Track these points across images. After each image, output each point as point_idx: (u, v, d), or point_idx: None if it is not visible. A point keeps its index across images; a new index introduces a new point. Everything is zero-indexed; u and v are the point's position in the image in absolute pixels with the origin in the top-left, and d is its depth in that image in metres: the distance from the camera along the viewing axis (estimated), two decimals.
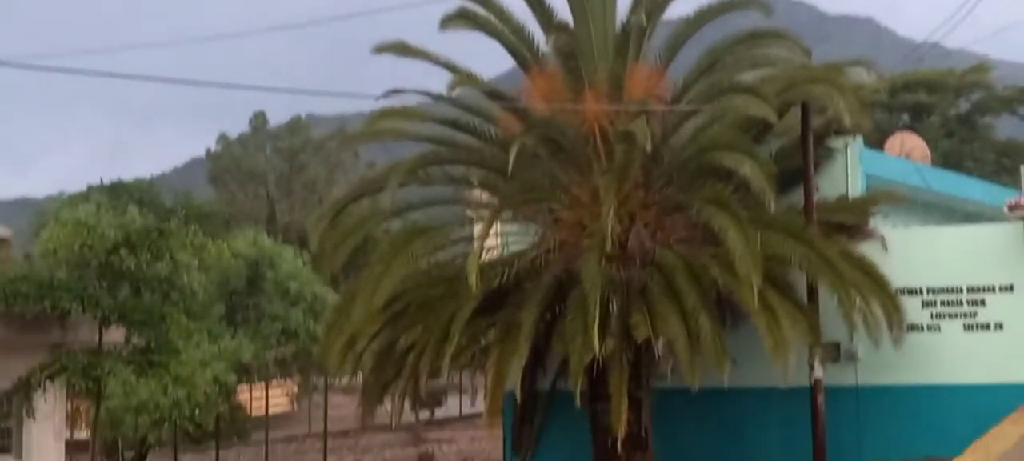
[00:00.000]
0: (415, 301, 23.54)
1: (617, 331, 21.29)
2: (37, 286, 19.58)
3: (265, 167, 71.59)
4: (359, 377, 26.13)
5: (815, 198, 22.92)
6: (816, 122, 23.21)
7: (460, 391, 40.46)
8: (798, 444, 23.01)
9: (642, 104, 22.39)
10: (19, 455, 20.97)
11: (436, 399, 40.35)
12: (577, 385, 20.90)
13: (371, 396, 25.31)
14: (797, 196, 22.95)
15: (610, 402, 21.48)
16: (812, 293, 22.38)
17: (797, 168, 23.04)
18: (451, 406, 41.44)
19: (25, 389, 19.45)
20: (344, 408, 34.06)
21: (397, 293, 23.05)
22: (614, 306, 21.47)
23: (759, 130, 23.12)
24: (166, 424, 33.54)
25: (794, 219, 22.38)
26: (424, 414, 39.94)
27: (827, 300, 22.13)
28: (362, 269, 24.04)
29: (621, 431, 21.43)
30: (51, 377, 19.63)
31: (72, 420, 26.50)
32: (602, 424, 22.26)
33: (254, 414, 41.06)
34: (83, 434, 30.93)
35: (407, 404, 28.38)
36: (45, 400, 20.13)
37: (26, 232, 36.88)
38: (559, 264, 22.57)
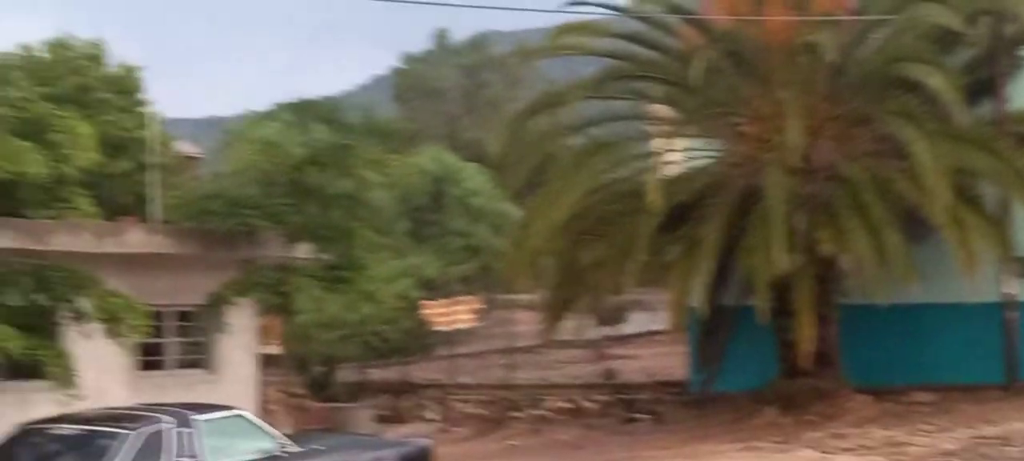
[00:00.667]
0: (597, 217, 23.54)
1: (802, 247, 21.07)
2: (227, 204, 20.01)
3: (447, 84, 72.07)
4: (541, 293, 26.27)
5: (1006, 109, 22.31)
6: (1007, 30, 22.53)
7: (642, 308, 40.43)
8: (986, 361, 22.58)
9: (827, 14, 21.97)
10: (212, 369, 21.56)
11: (618, 315, 40.33)
12: (762, 302, 20.75)
13: (553, 312, 25.46)
14: (987, 108, 22.37)
15: (795, 318, 21.30)
16: (1003, 206, 21.85)
17: (987, 78, 22.44)
18: (633, 322, 41.38)
19: (217, 305, 19.93)
20: (527, 324, 34.26)
21: (578, 209, 23.07)
22: (799, 221, 21.23)
23: (947, 40, 22.52)
24: (354, 339, 34.23)
25: (984, 131, 21.83)
26: (606, 330, 39.98)
27: (1018, 213, 21.58)
28: (544, 185, 24.12)
29: (807, 347, 21.26)
30: (242, 293, 20.08)
31: (262, 335, 27.15)
32: (788, 340, 22.09)
33: (439, 329, 41.56)
34: (273, 349, 31.68)
35: (589, 320, 28.54)
36: (237, 316, 20.63)
37: (215, 150, 37.74)
38: (742, 179, 22.37)
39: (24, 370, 17.84)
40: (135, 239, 19.76)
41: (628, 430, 26.50)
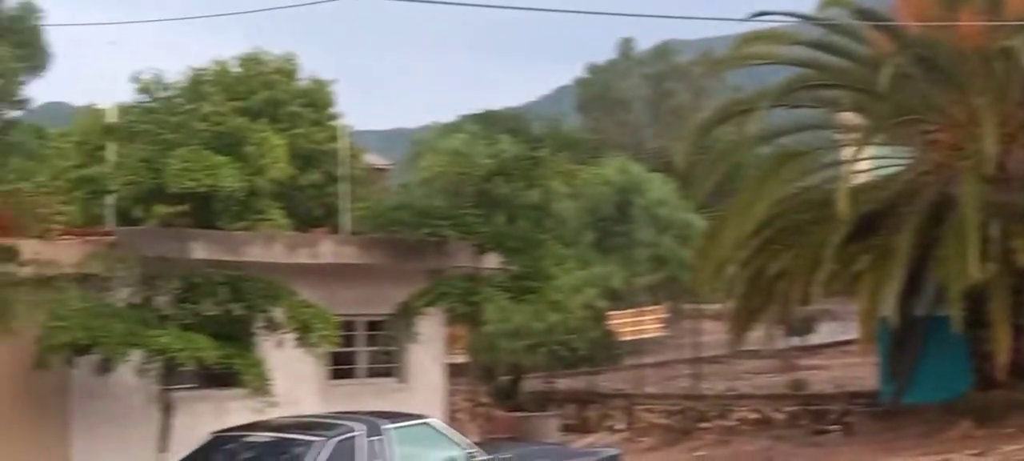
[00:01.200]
0: (785, 227, 23.29)
1: (997, 256, 20.55)
2: (416, 214, 20.26)
3: (631, 94, 71.95)
4: (728, 303, 26.07)
5: None
6: None
7: (831, 318, 39.84)
8: None
9: (1021, 18, 21.41)
10: (402, 378, 21.83)
11: (807, 325, 39.79)
12: (955, 312, 20.29)
13: (741, 322, 25.25)
14: None
15: (991, 329, 20.79)
16: None
17: None
18: (822, 332, 40.81)
19: (406, 314, 20.18)
20: (713, 334, 34.02)
21: (767, 219, 22.85)
22: (993, 230, 20.72)
23: None
24: (540, 349, 34.33)
25: None
26: (794, 340, 39.49)
27: None
28: (731, 195, 23.94)
29: (1003, 358, 20.73)
30: (431, 303, 20.30)
31: (450, 344, 27.42)
32: (982, 351, 21.57)
33: (625, 339, 41.51)
34: (460, 358, 31.95)
35: (777, 330, 28.23)
36: (426, 325, 20.86)
37: (402, 162, 38.24)
38: (934, 187, 21.92)
39: (219, 379, 18.29)
40: (326, 250, 20.12)
41: (817, 442, 26.13)
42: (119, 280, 16.92)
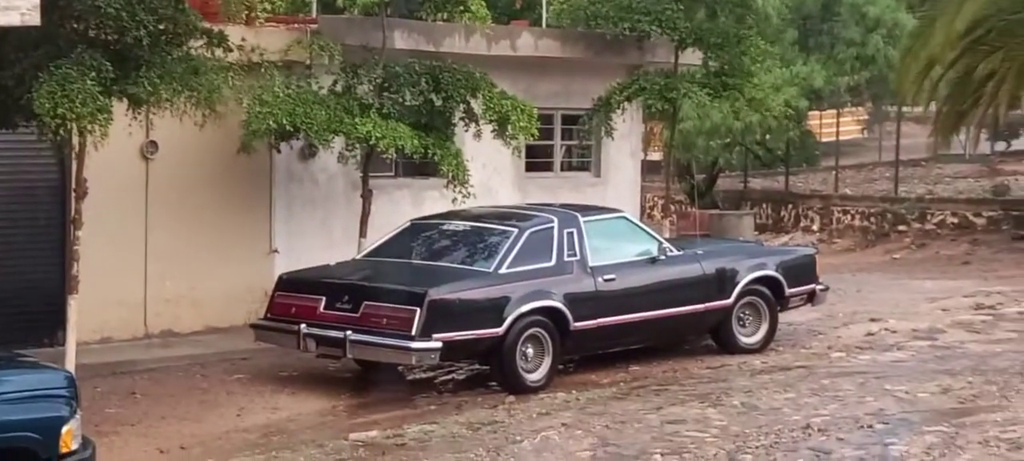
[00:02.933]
0: (997, 27, 22.51)
1: None
2: (616, 7, 20.04)
3: None
4: (933, 106, 25.47)
5: None
6: None
7: None
8: None
9: None
10: (597, 172, 21.87)
11: (1013, 131, 38.80)
12: None
13: (945, 125, 24.69)
14: None
15: None
16: None
17: None
18: None
19: (603, 109, 20.13)
20: (916, 137, 33.38)
21: (978, 18, 22.09)
22: None
23: None
24: (736, 147, 34.11)
25: None
26: (999, 146, 38.55)
27: None
28: None
29: None
30: (628, 98, 20.20)
31: (646, 141, 27.36)
32: None
33: (823, 140, 41.00)
34: (656, 155, 31.92)
35: (982, 135, 27.55)
36: (623, 120, 20.80)
37: None
38: None
39: (418, 168, 18.56)
40: (525, 42, 20.10)
41: (1017, 247, 25.70)
42: (322, 68, 17.17)
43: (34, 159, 15.87)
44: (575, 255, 15.23)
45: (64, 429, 8.28)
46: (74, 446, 8.34)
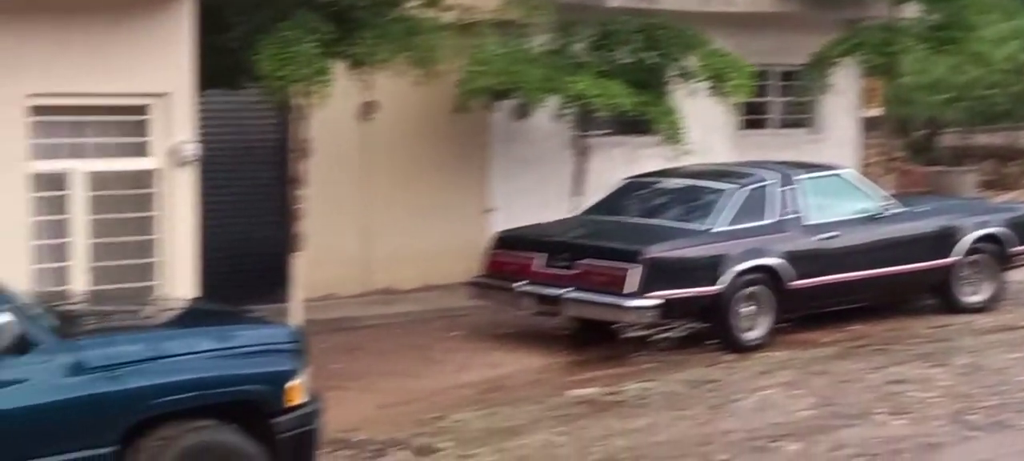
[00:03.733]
0: None
1: None
2: None
3: None
4: None
5: None
6: None
7: None
8: None
9: None
10: (815, 129, 21.51)
11: None
12: None
13: None
14: None
15: None
16: None
17: None
18: None
19: (820, 65, 19.76)
20: None
21: None
22: None
23: None
24: (959, 102, 33.19)
25: None
26: None
27: None
28: None
29: None
30: (846, 53, 19.79)
31: (864, 97, 26.83)
32: None
33: None
34: (874, 111, 31.26)
35: None
36: (840, 76, 20.40)
37: None
38: None
39: (633, 126, 18.46)
40: None
41: None
42: (536, 27, 17.20)
43: (256, 119, 16.27)
44: (793, 213, 15.05)
45: (291, 383, 8.45)
46: (302, 400, 8.51)
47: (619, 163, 18.47)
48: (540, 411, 11.99)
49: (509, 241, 15.38)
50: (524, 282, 14.64)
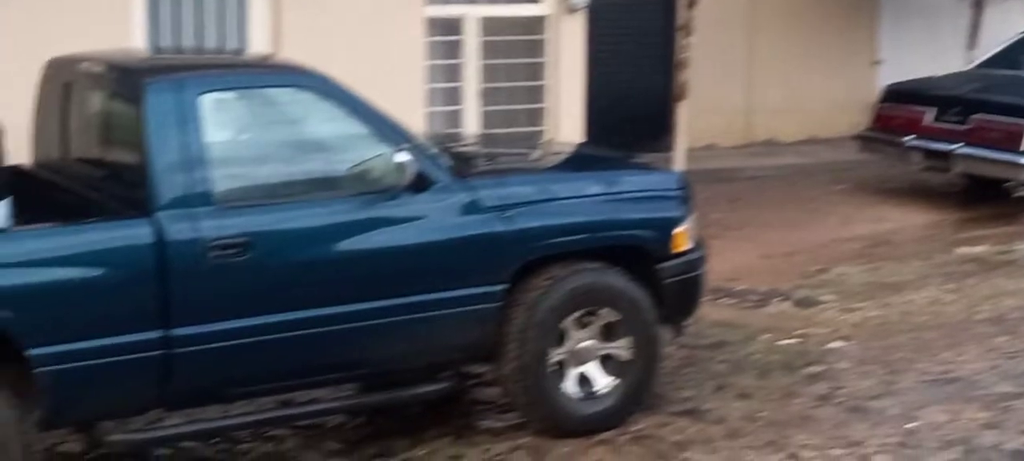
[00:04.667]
0: None
1: None
2: None
3: None
4: None
5: None
6: None
7: None
8: None
9: None
10: None
11: None
12: None
13: None
14: None
15: None
16: None
17: None
18: None
19: None
20: None
21: None
22: None
23: None
24: None
25: None
26: None
27: None
28: None
29: None
30: None
31: None
32: None
33: None
34: None
35: None
36: None
37: None
38: None
39: None
40: None
41: None
42: None
43: None
44: None
45: (678, 229, 8.46)
46: (687, 246, 8.52)
47: (1016, 16, 17.70)
48: (927, 267, 11.70)
49: (899, 94, 14.97)
50: (913, 137, 14.25)
